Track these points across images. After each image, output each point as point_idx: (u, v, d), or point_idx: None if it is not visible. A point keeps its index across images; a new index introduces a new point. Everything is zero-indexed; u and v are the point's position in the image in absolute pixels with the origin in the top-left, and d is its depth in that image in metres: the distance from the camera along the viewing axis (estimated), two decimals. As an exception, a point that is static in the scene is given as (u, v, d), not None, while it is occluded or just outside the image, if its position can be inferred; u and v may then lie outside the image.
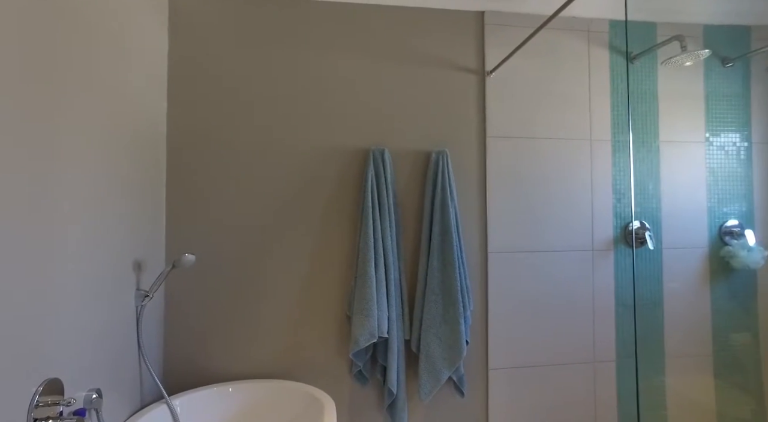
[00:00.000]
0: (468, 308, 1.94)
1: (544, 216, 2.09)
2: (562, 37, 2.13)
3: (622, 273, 2.15)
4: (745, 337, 2.26)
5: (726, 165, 2.25)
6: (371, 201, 1.88)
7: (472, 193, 2.06)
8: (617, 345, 2.14)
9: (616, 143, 2.16)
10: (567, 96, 2.12)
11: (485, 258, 2.06)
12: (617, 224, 2.15)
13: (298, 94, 1.94)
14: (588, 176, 2.13)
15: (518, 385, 2.05)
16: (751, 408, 2.25)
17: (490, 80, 2.06)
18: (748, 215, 2.26)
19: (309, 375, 1.92)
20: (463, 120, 2.06)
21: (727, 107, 2.26)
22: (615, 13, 2.17)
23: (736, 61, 2.27)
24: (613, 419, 2.12)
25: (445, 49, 2.05)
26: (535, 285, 2.08)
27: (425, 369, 1.89)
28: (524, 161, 2.09)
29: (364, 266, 1.84)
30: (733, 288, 2.24)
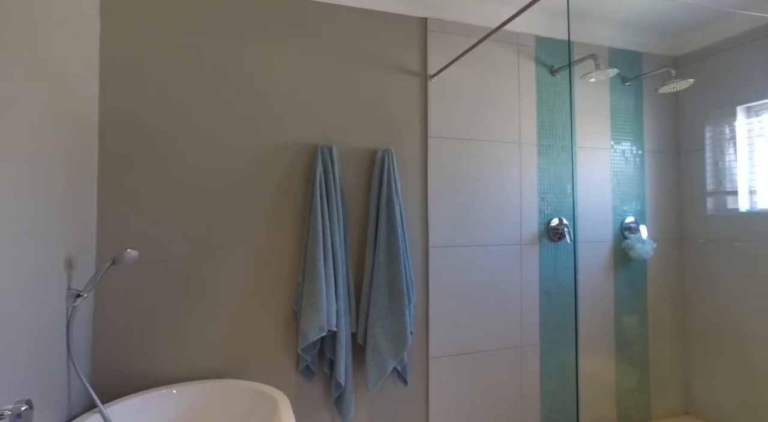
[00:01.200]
0: (412, 301, 2.03)
1: (478, 213, 2.25)
2: (496, 48, 2.32)
3: (545, 265, 2.38)
4: (636, 318, 2.61)
5: (625, 169, 2.60)
6: (320, 197, 1.89)
7: (414, 190, 2.15)
8: (541, 330, 2.36)
9: (540, 147, 2.39)
10: (500, 102, 2.31)
11: (426, 252, 2.16)
12: (541, 220, 2.38)
13: (245, 86, 1.89)
14: (517, 177, 2.34)
15: (455, 372, 2.19)
16: (637, 378, 2.61)
17: (432, 84, 2.18)
18: (641, 213, 2.63)
19: (255, 373, 1.88)
20: (407, 120, 2.15)
21: (625, 120, 2.61)
22: (539, 29, 2.40)
23: (632, 81, 2.63)
24: (536, 397, 2.34)
25: (391, 51, 2.12)
26: (471, 277, 2.23)
27: (372, 360, 1.94)
28: (461, 161, 2.23)
29: (313, 260, 1.85)
30: (630, 276, 2.59)
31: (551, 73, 2.43)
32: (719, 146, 2.56)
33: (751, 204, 2.46)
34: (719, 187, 2.56)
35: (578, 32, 2.47)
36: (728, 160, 2.52)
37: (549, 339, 2.38)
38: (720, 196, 2.55)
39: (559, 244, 2.42)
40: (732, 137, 2.51)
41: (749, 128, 2.48)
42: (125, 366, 1.71)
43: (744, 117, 2.49)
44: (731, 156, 2.51)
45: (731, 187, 2.51)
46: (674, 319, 2.71)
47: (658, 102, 2.71)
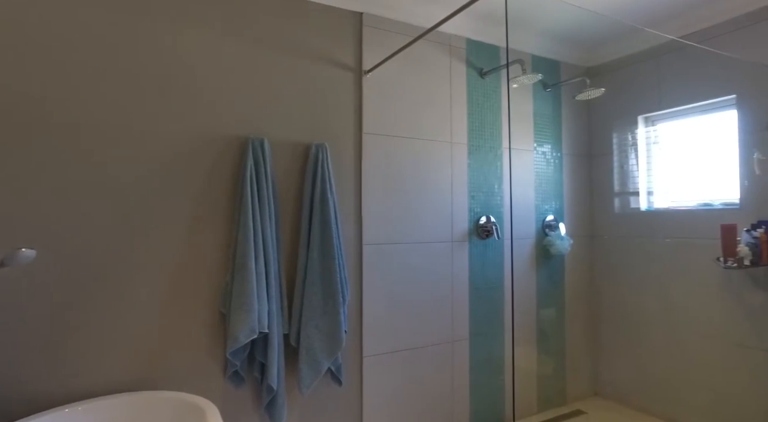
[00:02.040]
0: (346, 299, 1.99)
1: (412, 210, 2.27)
2: (430, 48, 2.35)
3: (475, 261, 2.46)
4: (555, 310, 2.79)
5: (546, 170, 2.76)
6: (250, 192, 1.79)
7: (348, 187, 2.12)
8: (470, 325, 2.43)
9: (471, 147, 2.47)
10: (433, 101, 2.35)
11: (360, 250, 2.13)
12: (471, 218, 2.45)
13: (168, 74, 1.74)
14: (449, 175, 2.39)
15: (389, 369, 2.18)
16: (555, 365, 2.79)
17: (366, 80, 2.16)
18: (560, 211, 2.81)
19: (179, 382, 1.73)
20: (341, 115, 2.11)
21: (546, 124, 2.78)
22: (470, 32, 2.47)
23: (552, 88, 2.80)
24: (465, 389, 2.41)
25: (325, 44, 2.07)
26: (404, 274, 2.24)
27: (305, 361, 1.87)
28: (395, 159, 2.23)
29: (243, 259, 1.74)
30: (550, 271, 2.76)
31: (481, 76, 2.52)
32: (624, 151, 2.81)
33: (648, 204, 2.72)
34: (624, 188, 2.81)
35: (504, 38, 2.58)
36: (631, 164, 2.78)
37: (478, 333, 2.46)
38: (624, 196, 2.80)
39: (488, 241, 2.51)
40: (634, 144, 2.77)
41: (647, 136, 2.75)
42: (21, 384, 1.49)
43: (643, 126, 2.75)
44: (633, 161, 2.77)
45: (633, 188, 2.76)
46: (587, 310, 2.93)
47: (574, 108, 2.92)
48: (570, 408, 2.75)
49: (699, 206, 2.47)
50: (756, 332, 2.21)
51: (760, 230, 2.11)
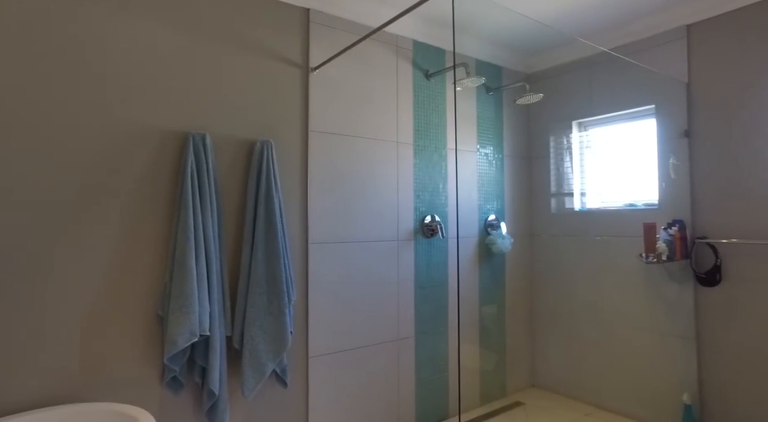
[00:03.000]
0: (292, 299, 1.95)
1: (358, 209, 2.27)
2: (377, 47, 2.36)
3: (420, 260, 2.50)
4: (496, 307, 2.90)
5: (489, 171, 2.87)
6: (191, 189, 1.72)
7: (294, 185, 2.08)
8: (415, 323, 2.47)
9: (416, 147, 2.51)
10: (379, 101, 2.36)
11: (306, 249, 2.11)
12: (416, 217, 2.49)
13: (104, 62, 1.62)
14: (394, 175, 2.41)
15: (335, 369, 2.17)
16: (496, 360, 2.90)
17: (313, 77, 2.13)
18: (501, 211, 2.93)
19: (111, 392, 1.62)
20: (287, 112, 2.07)
21: (489, 126, 2.88)
22: (417, 34, 2.51)
23: (494, 92, 2.91)
24: (411, 387, 2.44)
25: (272, 39, 2.02)
26: (350, 273, 2.24)
27: (249, 363, 1.82)
28: (342, 157, 2.23)
29: (183, 258, 1.67)
30: (491, 269, 2.86)
31: (426, 78, 2.56)
32: (560, 154, 2.97)
33: (582, 204, 2.90)
34: (560, 189, 2.97)
35: (451, 42, 2.65)
36: (566, 166, 2.94)
37: (423, 331, 2.50)
38: (560, 197, 2.97)
39: (433, 240, 2.56)
40: (568, 147, 2.93)
41: (581, 140, 2.93)
42: None
43: (577, 131, 2.93)
44: (568, 163, 2.93)
45: (568, 190, 2.93)
46: (526, 305, 3.06)
47: (515, 112, 3.05)
48: (510, 400, 2.87)
49: (625, 206, 2.66)
50: (672, 320, 2.41)
51: (675, 228, 2.30)
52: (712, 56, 2.32)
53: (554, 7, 2.38)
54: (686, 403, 2.28)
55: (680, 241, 2.31)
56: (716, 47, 2.31)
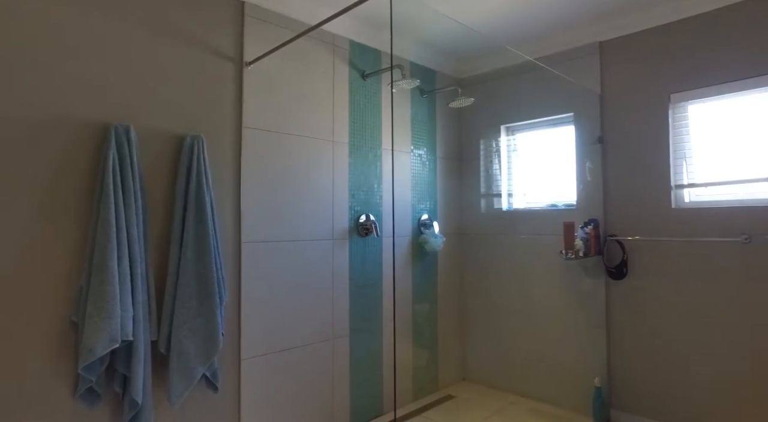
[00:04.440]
0: (224, 300, 1.89)
1: (293, 208, 2.24)
2: (314, 45, 2.35)
3: (355, 259, 2.51)
4: (429, 304, 2.99)
5: (422, 172, 2.94)
6: (113, 185, 1.60)
7: (226, 182, 2.02)
8: (350, 321, 2.48)
9: (352, 147, 2.52)
10: (315, 99, 2.35)
11: (239, 248, 2.05)
12: (351, 216, 2.50)
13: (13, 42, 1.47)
14: (330, 174, 2.41)
15: (269, 371, 2.12)
16: (428, 356, 2.99)
17: (248, 72, 2.08)
18: (434, 211, 3.02)
19: (14, 411, 1.47)
20: (220, 107, 2.00)
21: (422, 128, 2.96)
22: (354, 34, 2.53)
23: (428, 94, 3.00)
24: (346, 385, 2.45)
25: (204, 30, 1.94)
26: (285, 273, 2.20)
27: (177, 369, 1.74)
28: (277, 155, 2.19)
29: (103, 259, 1.55)
30: (424, 267, 2.94)
31: (363, 78, 2.58)
32: (489, 157, 3.12)
33: (509, 205, 3.06)
34: (489, 190, 3.12)
35: (387, 43, 2.69)
36: (494, 168, 3.10)
37: (357, 329, 2.52)
38: (489, 198, 3.11)
39: (367, 239, 2.58)
40: (497, 150, 3.09)
41: (508, 144, 3.09)
42: None
43: (505, 135, 3.09)
44: (496, 166, 3.09)
45: (496, 191, 3.08)
46: (457, 302, 3.18)
47: (447, 115, 3.15)
48: (441, 394, 2.96)
49: (547, 206, 2.85)
50: (586, 312, 2.63)
51: (590, 227, 2.51)
52: (620, 71, 2.56)
53: (485, 16, 2.50)
54: (597, 386, 2.49)
55: (594, 239, 2.52)
56: (623, 63, 2.54)
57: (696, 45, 2.31)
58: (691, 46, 2.33)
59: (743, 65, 2.18)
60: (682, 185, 2.39)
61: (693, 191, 2.38)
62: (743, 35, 2.18)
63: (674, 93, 2.38)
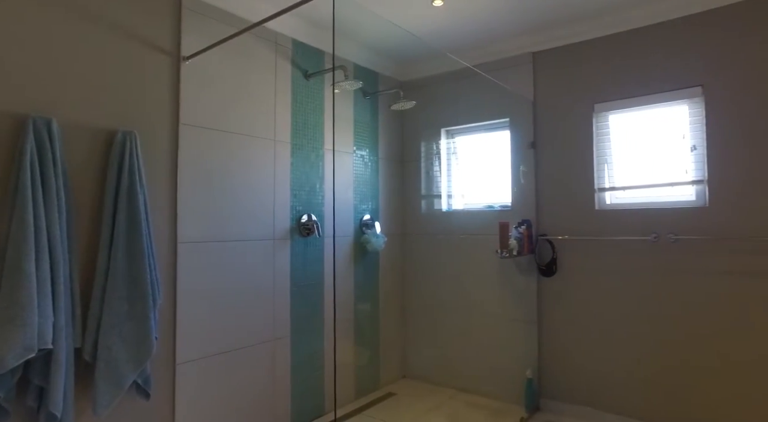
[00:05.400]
0: (158, 302, 1.81)
1: (233, 207, 2.19)
2: (256, 43, 2.30)
3: (296, 259, 2.50)
4: (370, 303, 3.02)
5: (364, 173, 2.97)
6: (31, 181, 1.50)
7: (162, 180, 1.94)
8: (291, 322, 2.46)
9: (294, 146, 2.50)
10: (257, 97, 2.31)
11: (174, 249, 1.97)
12: (293, 216, 2.48)
13: None
14: (271, 173, 2.37)
15: (206, 375, 2.06)
16: (370, 355, 3.03)
17: (186, 67, 2.00)
18: (376, 211, 3.06)
19: None
20: (155, 102, 1.91)
21: (365, 129, 2.99)
22: (297, 34, 2.51)
23: (371, 96, 3.03)
24: (287, 387, 2.42)
25: (138, 21, 1.85)
26: (224, 274, 2.14)
27: (104, 376, 1.64)
28: (216, 152, 2.13)
29: (17, 261, 1.44)
30: (366, 267, 2.97)
31: (305, 78, 2.57)
32: (429, 159, 3.21)
33: (448, 206, 3.16)
34: (429, 191, 3.20)
35: (330, 44, 2.69)
36: (435, 170, 3.19)
37: (298, 330, 2.50)
38: (429, 199, 3.20)
39: (309, 239, 2.57)
40: (437, 153, 3.18)
41: (448, 147, 3.20)
42: None
43: (445, 138, 3.19)
44: (437, 167, 3.18)
45: (437, 192, 3.17)
46: (397, 301, 3.24)
47: (389, 117, 3.21)
48: (382, 392, 3.00)
49: (484, 207, 2.98)
50: (519, 307, 2.77)
51: (524, 227, 2.65)
52: (551, 80, 2.73)
53: (426, 23, 2.57)
54: (528, 377, 2.64)
55: (527, 238, 2.66)
56: (554, 73, 2.71)
57: (617, 60, 2.51)
58: (612, 61, 2.52)
59: (655, 81, 2.40)
60: (604, 188, 2.59)
61: (613, 194, 2.58)
62: (656, 54, 2.40)
63: (597, 103, 2.57)
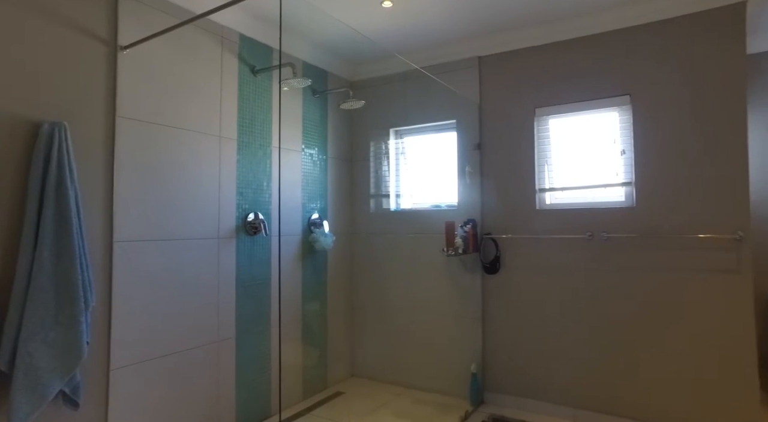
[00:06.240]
0: (90, 304, 1.71)
1: (175, 205, 2.11)
2: (200, 35, 2.23)
3: (242, 258, 2.44)
4: (319, 302, 3.00)
5: (313, 171, 2.95)
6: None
7: (96, 175, 1.83)
8: (237, 323, 2.40)
9: (240, 143, 2.44)
10: (202, 92, 2.23)
11: (110, 248, 1.87)
12: (239, 214, 2.43)
13: None
14: (216, 170, 2.31)
15: (146, 380, 1.97)
16: (318, 355, 3.01)
17: (123, 56, 1.91)
18: (324, 210, 3.04)
19: None
20: (88, 93, 1.81)
21: (314, 128, 2.97)
22: (244, 28, 2.45)
23: (320, 95, 3.02)
24: (231, 389, 2.36)
25: (70, 4, 1.74)
26: (165, 273, 2.06)
27: (22, 387, 1.53)
28: (158, 148, 2.04)
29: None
30: (314, 266, 2.95)
31: (253, 73, 2.52)
32: (378, 158, 3.24)
33: (397, 205, 3.20)
34: (378, 191, 3.23)
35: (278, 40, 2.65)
36: (383, 170, 3.22)
37: (244, 331, 2.44)
38: (378, 198, 3.23)
39: (256, 238, 2.52)
40: (386, 152, 3.22)
41: (397, 147, 3.24)
42: None
43: (394, 138, 3.23)
44: (385, 167, 3.21)
45: (385, 191, 3.20)
46: (346, 300, 3.24)
47: (339, 116, 3.20)
48: (331, 391, 2.99)
49: (431, 207, 3.04)
50: (465, 304, 2.85)
51: (469, 226, 2.73)
52: (495, 84, 2.83)
53: (376, 24, 2.59)
54: (473, 372, 2.72)
55: (472, 237, 2.75)
56: (498, 77, 2.82)
57: (556, 67, 2.65)
58: (552, 68, 2.66)
59: (590, 89, 2.55)
60: (544, 189, 2.71)
61: (553, 195, 2.71)
62: (592, 63, 2.55)
63: (538, 107, 2.70)
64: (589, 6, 2.40)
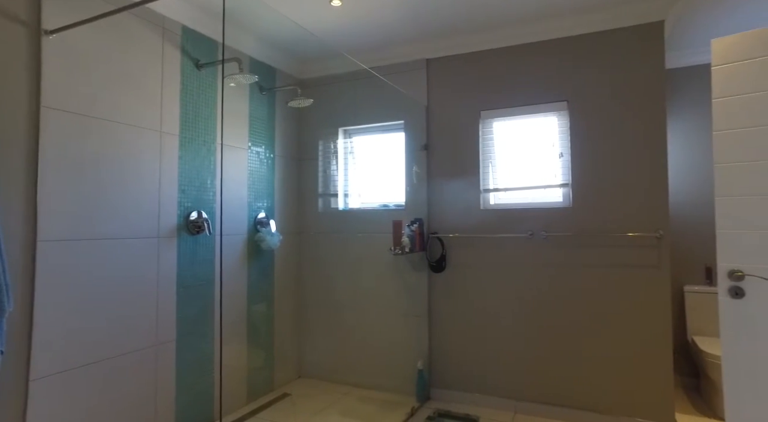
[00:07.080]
0: (6, 310, 1.58)
1: (110, 203, 1.99)
2: (139, 24, 2.12)
3: (184, 258, 2.34)
4: (265, 303, 2.94)
5: (259, 169, 2.89)
6: None
7: (16, 170, 1.70)
8: (177, 325, 2.30)
9: (183, 139, 2.34)
10: (140, 84, 2.12)
11: (33, 248, 1.74)
12: (181, 213, 2.33)
13: None
14: (156, 166, 2.20)
15: (72, 390, 1.84)
16: (264, 356, 2.95)
17: (49, 42, 1.78)
18: (271, 209, 2.98)
19: None
20: (6, 79, 1.67)
21: (261, 125, 2.91)
22: (187, 20, 2.35)
23: (268, 92, 2.96)
24: (171, 394, 2.26)
25: (-15, -17, 1.60)
26: (98, 275, 1.94)
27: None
28: (90, 142, 1.92)
29: None
30: (260, 265, 2.89)
31: (197, 67, 2.43)
32: (327, 158, 3.22)
33: (345, 204, 3.20)
34: (326, 190, 3.21)
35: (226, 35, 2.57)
36: (332, 169, 3.21)
37: (186, 333, 2.35)
38: (327, 197, 3.21)
39: (199, 237, 2.43)
40: (335, 152, 3.20)
41: (345, 146, 3.23)
42: None
43: (343, 137, 3.22)
44: (334, 166, 3.20)
45: (334, 190, 3.19)
46: (293, 300, 3.19)
47: (287, 114, 3.15)
48: (277, 393, 2.94)
49: (380, 206, 3.06)
50: (412, 303, 2.90)
51: (416, 225, 2.78)
52: (442, 86, 2.89)
53: (324, 23, 2.58)
54: (420, 369, 2.77)
55: (419, 236, 2.79)
56: (445, 79, 2.89)
57: (501, 71, 2.74)
58: (497, 72, 2.75)
59: (531, 94, 2.67)
60: (488, 190, 2.81)
61: (496, 195, 2.81)
62: (533, 69, 2.67)
63: (483, 110, 2.79)
64: (533, 14, 2.51)
